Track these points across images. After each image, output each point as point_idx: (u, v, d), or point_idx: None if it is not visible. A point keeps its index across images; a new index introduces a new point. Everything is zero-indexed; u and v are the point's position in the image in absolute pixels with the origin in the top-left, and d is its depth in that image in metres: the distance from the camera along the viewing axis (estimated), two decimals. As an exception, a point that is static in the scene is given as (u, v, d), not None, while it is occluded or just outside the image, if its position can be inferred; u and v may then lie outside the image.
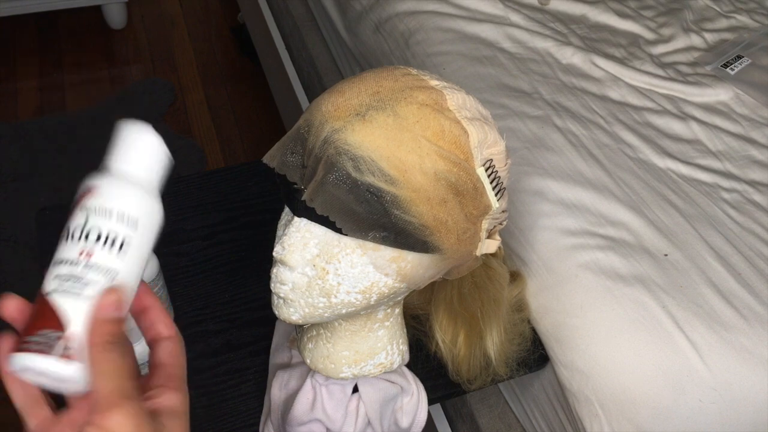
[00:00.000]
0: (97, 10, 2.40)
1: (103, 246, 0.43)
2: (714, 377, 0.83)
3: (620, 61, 1.21)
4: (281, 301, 0.67)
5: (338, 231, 0.61)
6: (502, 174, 0.67)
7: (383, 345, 0.75)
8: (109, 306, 0.41)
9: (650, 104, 1.14)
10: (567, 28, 1.28)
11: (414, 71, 0.66)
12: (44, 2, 2.23)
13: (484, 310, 0.80)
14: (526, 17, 1.27)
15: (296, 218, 0.64)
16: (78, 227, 0.43)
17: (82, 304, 0.41)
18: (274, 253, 0.65)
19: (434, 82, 0.64)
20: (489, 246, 0.68)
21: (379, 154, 0.59)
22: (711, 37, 1.30)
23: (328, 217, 0.60)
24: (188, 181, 1.08)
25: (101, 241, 0.43)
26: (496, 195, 0.66)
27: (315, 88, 1.56)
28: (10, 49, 2.30)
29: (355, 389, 0.78)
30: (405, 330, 0.80)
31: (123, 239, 0.43)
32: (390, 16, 1.28)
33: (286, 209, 0.68)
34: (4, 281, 1.69)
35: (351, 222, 0.60)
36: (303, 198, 0.61)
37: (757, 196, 1.00)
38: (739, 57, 1.22)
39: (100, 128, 2.06)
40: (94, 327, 0.40)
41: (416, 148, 0.60)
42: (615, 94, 1.15)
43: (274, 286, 0.66)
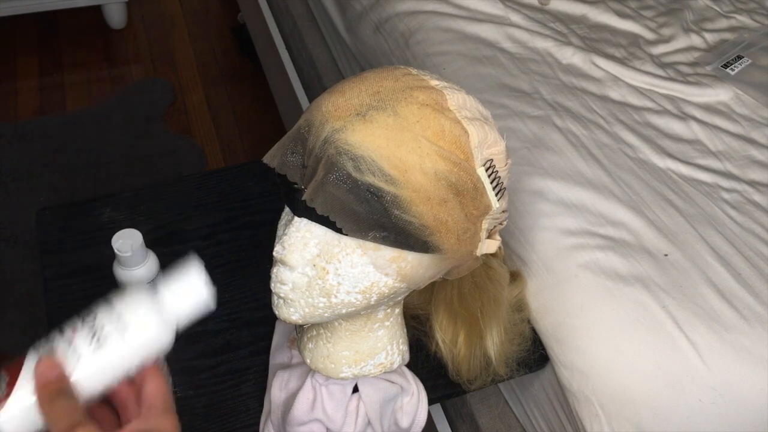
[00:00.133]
0: (97, 10, 2.40)
1: (91, 337, 0.47)
2: (714, 377, 0.83)
3: (620, 61, 1.21)
4: (281, 301, 0.67)
5: (338, 231, 0.61)
6: (502, 174, 0.67)
7: (383, 345, 0.75)
8: (45, 371, 0.47)
9: (650, 104, 1.14)
10: (567, 28, 1.28)
11: (414, 71, 0.66)
12: (44, 2, 2.23)
13: (484, 310, 0.80)
14: (526, 17, 1.27)
15: (296, 218, 0.64)
16: (94, 314, 0.48)
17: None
18: (274, 253, 0.65)
19: (434, 82, 0.64)
20: (489, 246, 0.68)
21: (379, 154, 0.59)
22: (711, 37, 1.30)
23: (328, 217, 0.60)
24: (188, 181, 1.08)
25: (91, 333, 0.47)
26: (496, 195, 0.66)
27: (315, 88, 1.56)
28: (10, 49, 2.30)
29: (355, 389, 0.78)
30: (405, 330, 0.80)
31: (109, 343, 0.47)
32: (390, 16, 1.28)
33: (286, 209, 0.68)
34: (4, 281, 1.69)
35: (351, 222, 0.60)
36: (303, 198, 0.61)
37: (757, 196, 1.00)
38: (739, 57, 1.22)
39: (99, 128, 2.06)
40: (39, 387, 0.46)
41: (416, 148, 0.60)
42: (615, 94, 1.15)
43: (274, 285, 0.66)
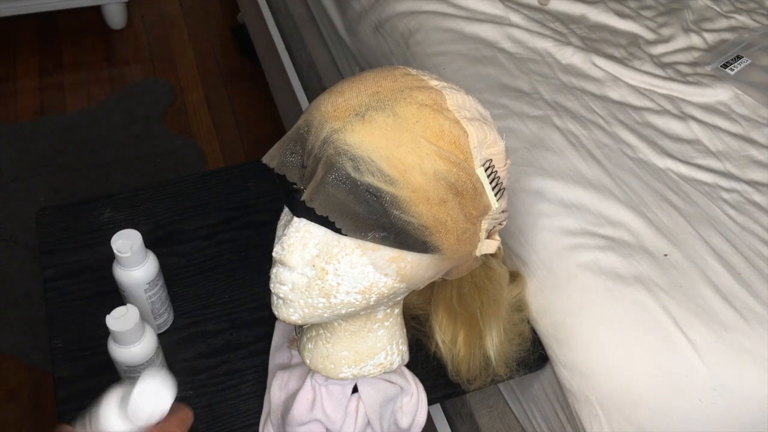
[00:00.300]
0: (97, 10, 2.40)
1: None
2: (714, 377, 0.83)
3: (620, 61, 1.21)
4: (281, 301, 0.67)
5: (338, 231, 0.61)
6: (501, 174, 0.67)
7: (383, 345, 0.75)
8: None
9: (650, 104, 1.14)
10: (567, 28, 1.28)
11: (413, 71, 0.66)
12: (44, 2, 2.23)
13: (483, 310, 0.80)
14: (526, 17, 1.27)
15: (296, 218, 0.64)
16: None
17: None
18: (273, 254, 0.65)
19: (434, 82, 0.64)
20: (488, 246, 0.68)
21: (378, 155, 0.59)
22: (711, 37, 1.29)
23: (327, 217, 0.60)
24: (188, 181, 1.08)
25: None
26: (495, 195, 0.66)
27: (315, 88, 1.56)
28: (10, 49, 2.30)
29: (355, 389, 0.78)
30: (405, 330, 0.80)
31: None
32: (390, 16, 1.28)
33: (286, 209, 0.68)
34: (4, 281, 1.69)
35: (350, 222, 0.60)
36: (303, 198, 0.61)
37: (757, 196, 1.00)
38: (739, 57, 1.22)
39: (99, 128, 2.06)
40: None
41: (416, 149, 0.60)
42: (615, 94, 1.15)
43: (274, 286, 0.66)
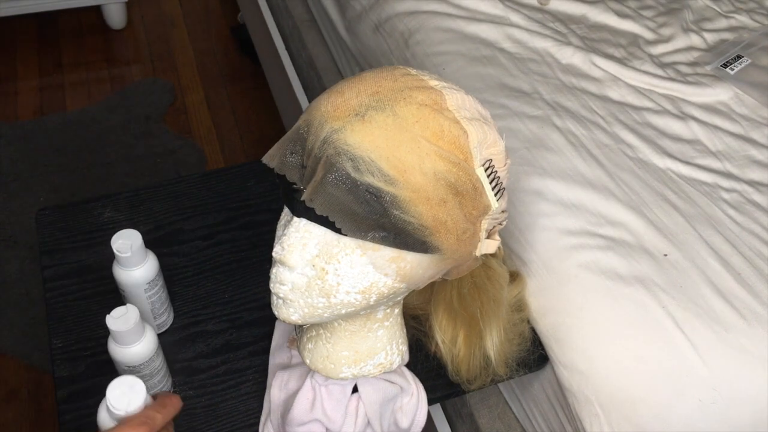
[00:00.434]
0: (97, 10, 2.40)
1: None
2: (714, 377, 0.83)
3: (620, 61, 1.21)
4: (281, 301, 0.67)
5: (338, 231, 0.61)
6: (501, 174, 0.67)
7: (383, 345, 0.76)
8: None
9: (650, 104, 1.14)
10: (567, 28, 1.28)
11: (413, 71, 0.66)
12: (44, 2, 2.23)
13: (483, 310, 0.80)
14: (526, 17, 1.27)
15: (296, 218, 0.64)
16: None
17: None
18: (273, 254, 0.65)
19: (433, 82, 0.64)
20: (488, 246, 0.68)
21: (378, 155, 0.59)
22: (711, 37, 1.29)
23: (327, 217, 0.60)
24: (188, 181, 1.08)
25: None
26: (495, 195, 0.66)
27: (315, 88, 1.56)
28: (10, 49, 2.30)
29: (355, 389, 0.78)
30: (405, 330, 0.80)
31: None
32: (390, 16, 1.28)
33: (286, 209, 0.68)
34: (4, 281, 1.69)
35: (350, 222, 0.60)
36: (302, 198, 0.61)
37: (757, 196, 1.00)
38: (739, 57, 1.22)
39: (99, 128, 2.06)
40: None
41: (415, 148, 0.60)
42: (615, 94, 1.15)
43: (274, 286, 0.66)
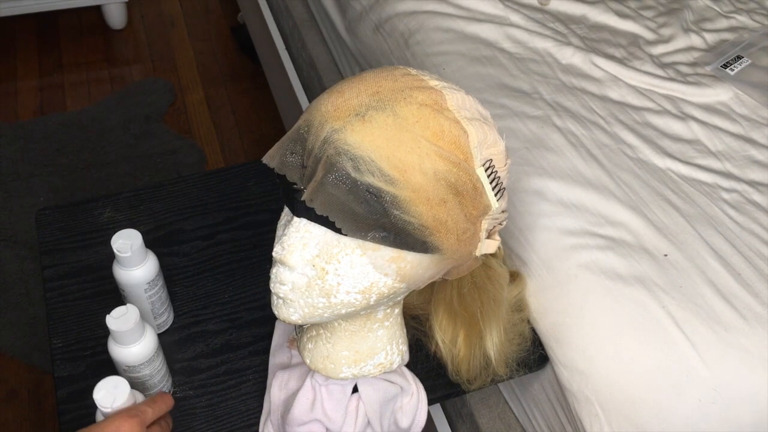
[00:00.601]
0: (97, 10, 2.40)
1: None
2: (714, 377, 0.83)
3: (620, 61, 1.21)
4: (281, 301, 0.67)
5: (338, 231, 0.61)
6: (501, 174, 0.67)
7: (383, 345, 0.76)
8: None
9: (650, 104, 1.14)
10: (567, 28, 1.28)
11: (413, 71, 0.66)
12: (44, 2, 2.23)
13: (483, 310, 0.80)
14: (526, 17, 1.27)
15: (296, 218, 0.64)
16: None
17: None
18: (273, 254, 0.65)
19: (434, 82, 0.64)
20: (489, 246, 0.68)
21: (378, 155, 0.59)
22: (711, 38, 1.29)
23: (327, 217, 0.60)
24: (188, 181, 1.08)
25: None
26: (495, 195, 0.66)
27: (315, 88, 1.56)
28: (10, 49, 2.30)
29: (355, 389, 0.78)
30: (405, 330, 0.80)
31: None
32: (390, 16, 1.28)
33: (286, 209, 0.68)
34: (4, 281, 1.69)
35: (351, 222, 0.60)
36: (303, 198, 0.61)
37: (757, 196, 1.00)
38: (739, 57, 1.22)
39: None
40: None
41: (416, 148, 0.60)
42: (615, 94, 1.15)
43: (274, 286, 0.66)
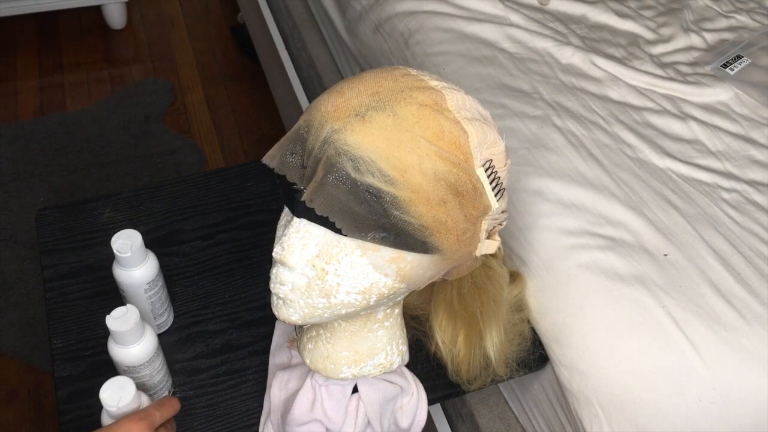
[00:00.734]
0: (97, 10, 2.40)
1: None
2: (714, 377, 0.83)
3: (620, 61, 1.21)
4: (281, 301, 0.67)
5: (338, 231, 0.61)
6: (501, 174, 0.67)
7: (383, 345, 0.76)
8: None
9: (650, 104, 1.14)
10: (567, 28, 1.28)
11: (413, 71, 0.66)
12: (44, 2, 2.22)
13: (483, 310, 0.80)
14: (526, 17, 1.27)
15: (296, 219, 0.64)
16: None
17: None
18: (273, 254, 0.65)
19: (434, 83, 0.64)
20: (489, 246, 0.68)
21: (378, 155, 0.59)
22: (711, 37, 1.29)
23: (327, 217, 0.60)
24: (188, 181, 1.08)
25: None
26: (495, 195, 0.66)
27: (315, 88, 1.56)
28: (10, 49, 2.30)
29: (355, 389, 0.78)
30: (405, 330, 0.80)
31: None
32: (390, 16, 1.28)
33: (286, 209, 0.68)
34: (4, 281, 1.69)
35: (350, 222, 0.60)
36: (303, 198, 0.61)
37: (757, 196, 1.00)
38: (739, 57, 1.22)
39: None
40: None
41: (416, 149, 0.60)
42: (615, 94, 1.15)
43: (274, 286, 0.66)
